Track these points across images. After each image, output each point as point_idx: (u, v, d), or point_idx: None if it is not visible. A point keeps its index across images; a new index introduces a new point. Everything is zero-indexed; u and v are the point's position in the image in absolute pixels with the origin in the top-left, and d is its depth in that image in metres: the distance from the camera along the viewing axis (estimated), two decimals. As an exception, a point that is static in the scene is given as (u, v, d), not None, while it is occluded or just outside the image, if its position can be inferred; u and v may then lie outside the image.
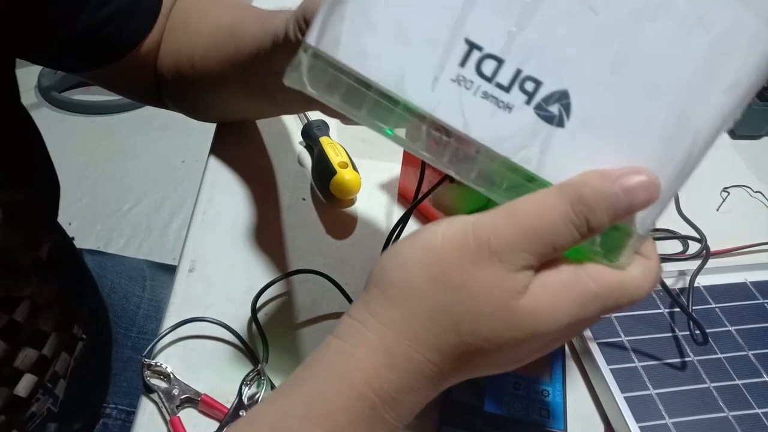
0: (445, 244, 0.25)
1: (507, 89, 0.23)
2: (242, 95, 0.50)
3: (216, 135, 0.62)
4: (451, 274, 0.24)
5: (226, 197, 0.55)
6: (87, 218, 1.58)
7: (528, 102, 0.23)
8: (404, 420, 0.27)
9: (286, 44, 0.38)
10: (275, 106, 0.52)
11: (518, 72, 0.23)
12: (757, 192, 0.61)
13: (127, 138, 1.85)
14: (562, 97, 0.23)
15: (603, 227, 0.25)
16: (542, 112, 0.23)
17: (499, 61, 0.23)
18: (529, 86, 0.23)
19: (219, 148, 0.60)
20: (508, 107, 0.23)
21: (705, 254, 0.50)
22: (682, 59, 0.22)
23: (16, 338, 0.40)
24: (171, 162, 1.78)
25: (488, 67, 0.23)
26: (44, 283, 0.43)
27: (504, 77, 0.23)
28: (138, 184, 1.71)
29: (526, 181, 0.25)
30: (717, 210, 0.59)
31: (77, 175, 1.69)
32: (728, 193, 0.61)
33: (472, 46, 0.23)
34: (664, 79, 0.23)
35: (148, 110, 1.96)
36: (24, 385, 0.42)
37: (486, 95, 0.23)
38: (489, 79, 0.23)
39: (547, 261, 0.26)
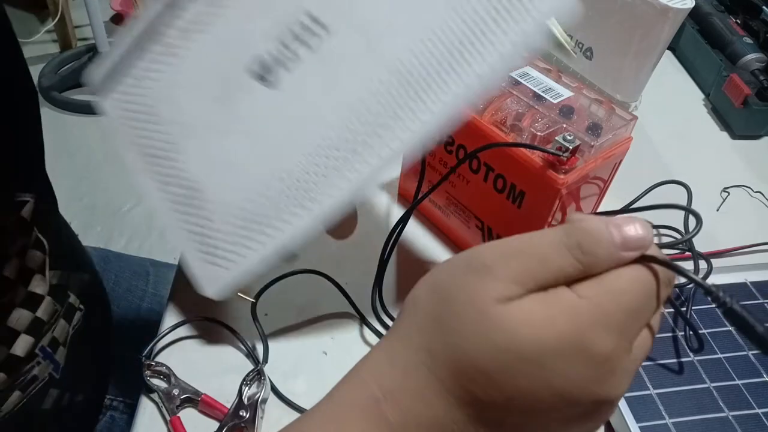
0: (445, 262, 0.27)
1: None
2: None
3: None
4: (443, 285, 0.26)
5: (226, 197, 0.55)
6: (87, 218, 1.58)
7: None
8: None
9: None
10: None
11: None
12: (757, 192, 0.61)
13: (128, 138, 1.85)
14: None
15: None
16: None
17: None
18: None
19: (219, 148, 0.60)
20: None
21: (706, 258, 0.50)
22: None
23: (7, 298, 0.42)
24: (171, 162, 1.78)
25: None
26: (31, 246, 0.44)
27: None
28: (138, 184, 1.71)
29: None
30: (717, 210, 0.59)
31: (77, 175, 1.69)
32: (728, 193, 0.61)
33: None
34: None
35: (149, 110, 1.96)
36: (21, 346, 0.44)
37: None
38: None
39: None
